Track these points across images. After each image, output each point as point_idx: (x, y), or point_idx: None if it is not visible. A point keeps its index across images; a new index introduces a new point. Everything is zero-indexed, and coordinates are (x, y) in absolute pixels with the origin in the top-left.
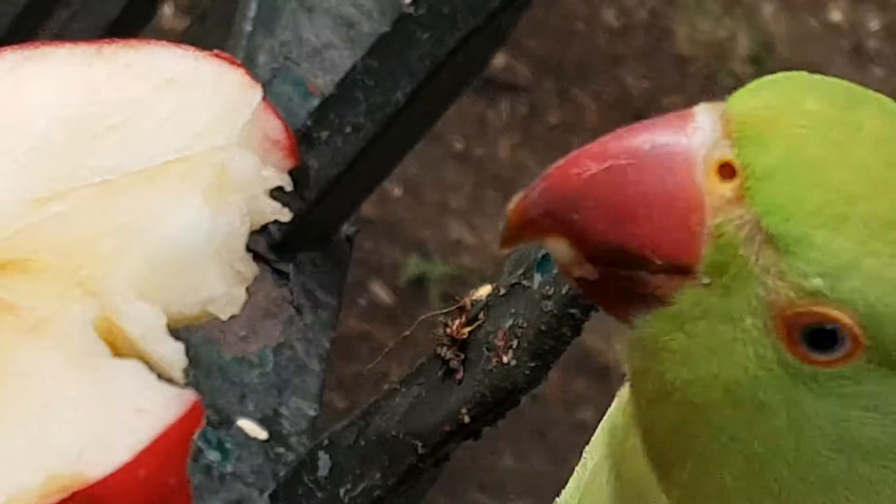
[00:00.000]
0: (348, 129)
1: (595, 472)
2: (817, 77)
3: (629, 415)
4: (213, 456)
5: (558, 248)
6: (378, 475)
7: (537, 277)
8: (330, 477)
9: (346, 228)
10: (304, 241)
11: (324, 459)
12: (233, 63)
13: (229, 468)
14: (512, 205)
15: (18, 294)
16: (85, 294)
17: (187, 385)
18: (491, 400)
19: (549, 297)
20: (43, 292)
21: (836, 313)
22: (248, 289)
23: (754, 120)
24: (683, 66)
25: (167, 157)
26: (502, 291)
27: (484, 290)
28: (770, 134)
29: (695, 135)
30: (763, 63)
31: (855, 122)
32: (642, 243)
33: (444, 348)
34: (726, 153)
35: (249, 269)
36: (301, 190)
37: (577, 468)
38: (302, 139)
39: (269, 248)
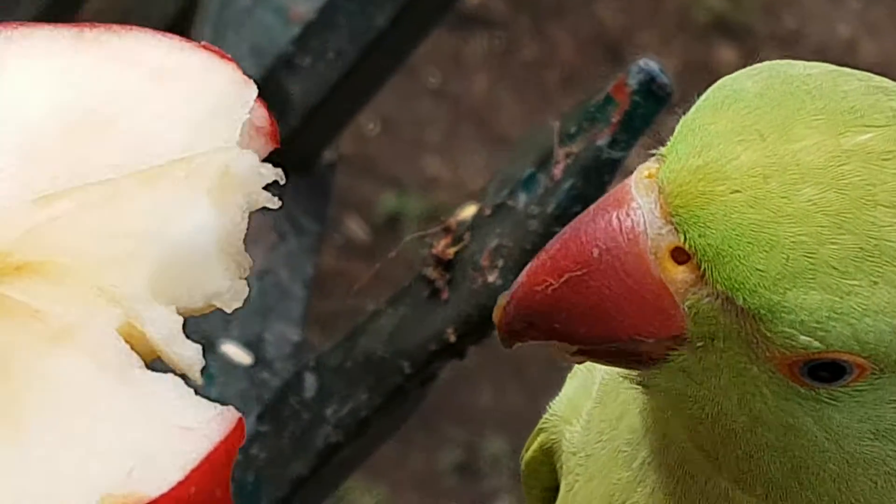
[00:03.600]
0: (331, 55)
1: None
2: (747, 88)
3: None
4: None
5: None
6: (364, 396)
7: (522, 197)
8: (316, 398)
9: (328, 155)
10: (287, 167)
11: (310, 380)
12: (223, 56)
13: (213, 393)
14: (495, 316)
15: (41, 299)
16: (108, 301)
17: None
18: (476, 319)
19: (534, 217)
20: (65, 298)
21: (834, 355)
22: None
23: (688, 198)
24: (658, 2)
25: (169, 155)
26: (487, 212)
27: (469, 211)
28: (706, 210)
29: (637, 228)
30: None
31: (792, 159)
32: (627, 332)
33: (430, 269)
34: (672, 240)
35: (246, 261)
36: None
37: (577, 373)
38: (284, 65)
39: None
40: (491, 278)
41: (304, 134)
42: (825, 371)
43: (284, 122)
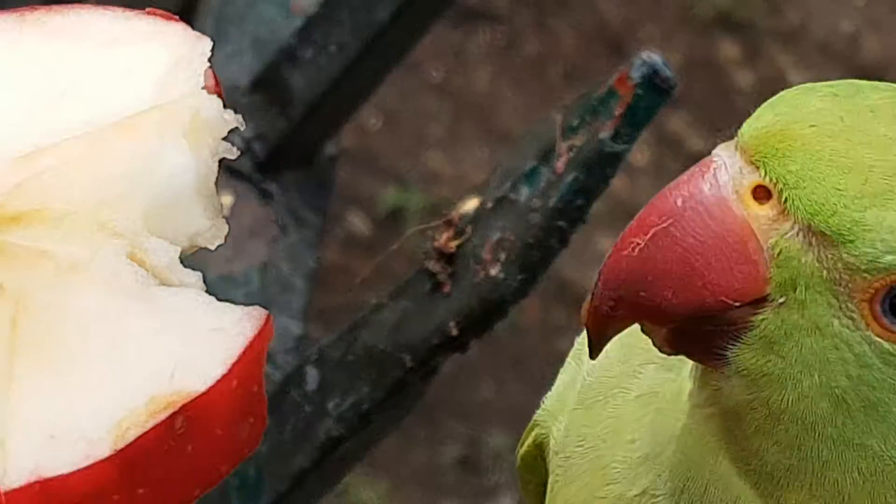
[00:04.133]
0: (333, 48)
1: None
2: (815, 85)
3: (708, 444)
4: None
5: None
6: (366, 389)
7: (524, 190)
8: (318, 391)
9: (330, 149)
10: (289, 160)
11: (312, 374)
12: (169, 18)
13: None
14: (583, 312)
15: (44, 241)
16: (110, 235)
17: None
18: (479, 312)
19: (536, 210)
20: (68, 237)
21: None
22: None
23: (767, 137)
24: None
25: (139, 107)
26: (489, 205)
27: (471, 204)
28: (785, 143)
29: (718, 172)
30: None
31: (865, 106)
32: (713, 291)
33: (432, 262)
34: (753, 178)
35: (220, 205)
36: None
37: (568, 367)
38: (287, 58)
39: (254, 167)
40: (493, 271)
41: (305, 127)
42: None
43: (286, 116)
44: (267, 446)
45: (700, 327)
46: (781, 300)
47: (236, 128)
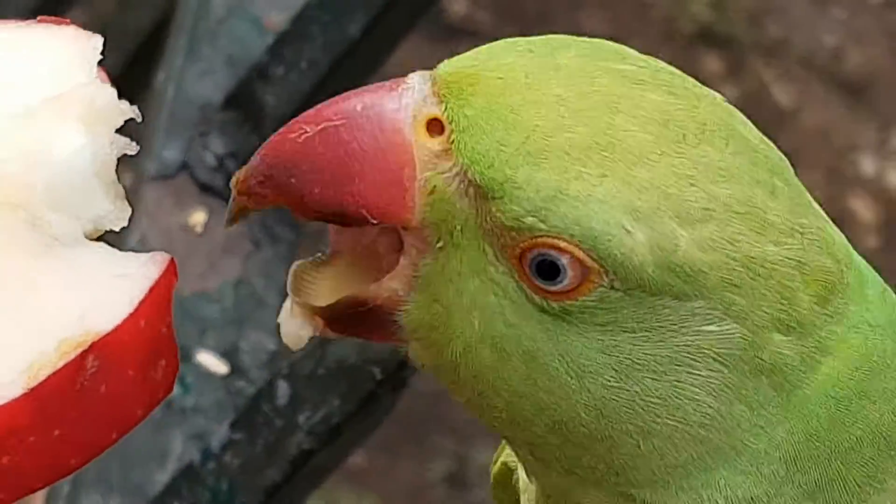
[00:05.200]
0: (304, 64)
1: None
2: (526, 39)
3: None
4: (173, 390)
5: (293, 319)
6: (337, 402)
7: None
8: (289, 405)
9: None
10: None
11: (283, 388)
12: (59, 21)
13: (190, 402)
14: (235, 177)
15: None
16: (11, 209)
17: None
18: None
19: None
20: None
21: (554, 242)
22: (202, 227)
23: (458, 78)
24: (644, 11)
25: (36, 100)
26: None
27: None
28: (471, 87)
29: (405, 95)
30: (723, 7)
31: (552, 65)
32: (358, 202)
33: None
34: (433, 110)
35: (122, 191)
36: (258, 126)
37: None
38: (258, 75)
39: (227, 184)
40: None
41: None
42: (547, 269)
43: (259, 132)
44: (239, 460)
45: (357, 312)
46: (440, 244)
47: (210, 141)
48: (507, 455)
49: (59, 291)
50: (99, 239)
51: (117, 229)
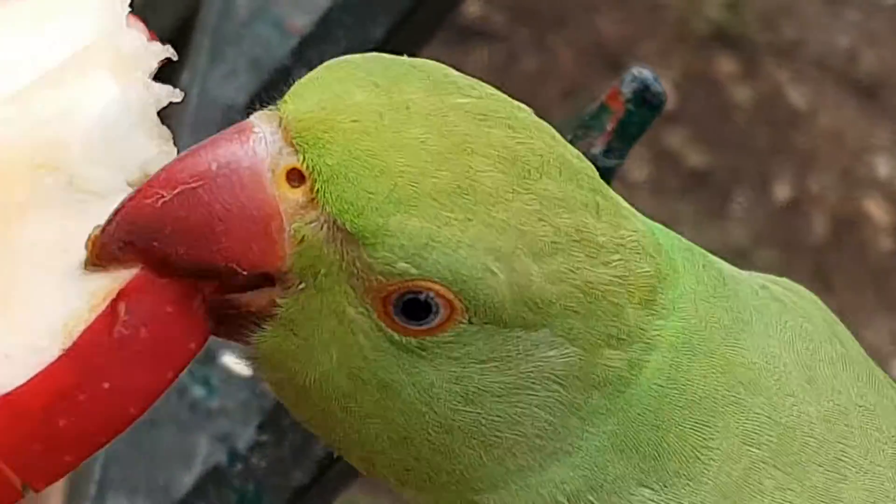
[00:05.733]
0: None
1: None
2: (356, 60)
3: None
4: (198, 392)
5: None
6: None
7: None
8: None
9: None
10: None
11: None
12: None
13: (215, 404)
14: (90, 237)
15: None
16: (48, 171)
17: None
18: None
19: None
20: (9, 185)
21: (426, 284)
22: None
23: (310, 123)
24: (658, 13)
25: (64, 57)
26: None
27: None
28: (327, 134)
29: (257, 146)
30: (737, 8)
31: (402, 103)
32: (226, 257)
33: None
34: (291, 160)
35: (166, 132)
36: None
37: None
38: (282, 78)
39: None
40: None
41: None
42: (415, 309)
43: None
44: (266, 462)
45: (218, 308)
46: (301, 286)
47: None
48: None
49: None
50: None
51: None
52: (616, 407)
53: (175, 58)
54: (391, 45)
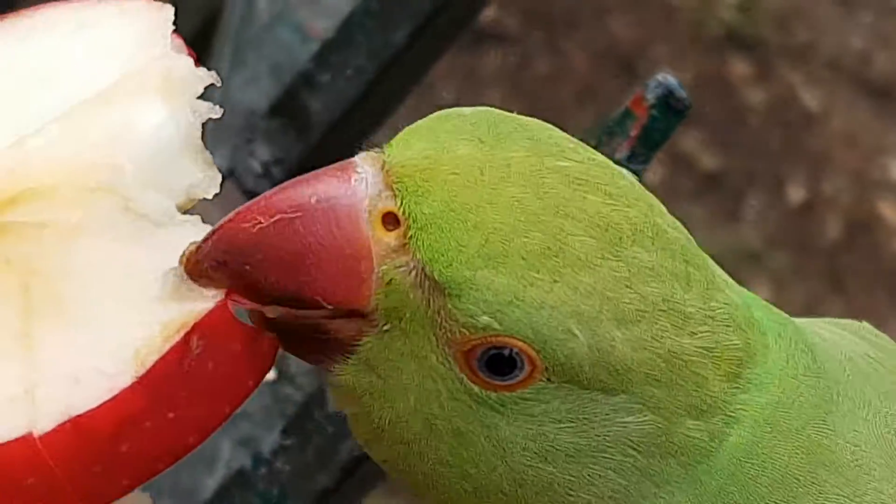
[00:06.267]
0: (350, 72)
1: None
2: (466, 114)
3: None
4: None
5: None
6: None
7: None
8: (340, 411)
9: None
10: None
11: None
12: None
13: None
14: (184, 256)
15: (43, 214)
16: (104, 195)
17: None
18: None
19: None
20: (65, 205)
21: (509, 340)
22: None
23: (412, 170)
24: (671, 15)
25: (112, 79)
26: None
27: None
28: (427, 183)
29: (358, 186)
30: (751, 11)
31: (503, 161)
32: (314, 290)
33: None
34: (389, 204)
35: (209, 157)
36: (303, 133)
37: None
38: (304, 83)
39: None
40: None
41: (324, 150)
42: (498, 363)
43: (304, 140)
44: (290, 466)
45: (304, 328)
46: (386, 327)
47: (255, 148)
48: None
49: (157, 274)
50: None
51: (210, 197)
52: (693, 477)
53: (218, 84)
54: (413, 48)
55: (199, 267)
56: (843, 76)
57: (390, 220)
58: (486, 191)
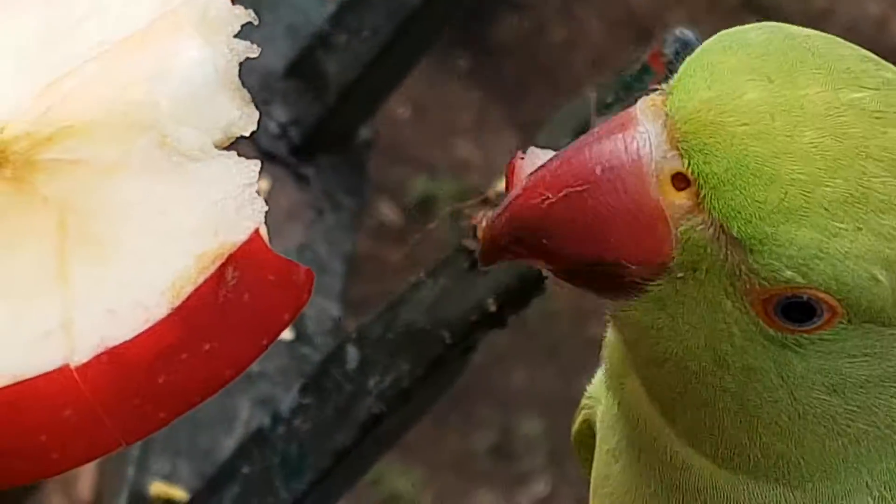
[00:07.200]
0: (366, 32)
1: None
2: (751, 42)
3: (622, 359)
4: None
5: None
6: (406, 366)
7: None
8: (358, 369)
9: (364, 133)
10: (324, 144)
11: (352, 353)
12: None
13: (255, 368)
14: (482, 230)
15: (81, 151)
16: (140, 131)
17: None
18: (516, 288)
19: None
20: (102, 142)
21: (812, 292)
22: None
23: (697, 125)
24: None
25: (149, 18)
26: None
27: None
28: (713, 139)
29: (643, 149)
30: None
31: (796, 102)
32: (615, 255)
33: (470, 239)
34: (675, 164)
35: (247, 95)
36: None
37: None
38: (321, 44)
39: (290, 152)
40: None
41: (340, 111)
42: (798, 311)
43: (321, 100)
44: (309, 425)
45: (596, 279)
46: (681, 275)
47: (272, 109)
48: (585, 414)
49: (192, 207)
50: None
51: (247, 134)
52: None
53: (256, 22)
54: (429, 9)
55: (496, 244)
56: (859, 42)
57: (680, 180)
58: (780, 139)
